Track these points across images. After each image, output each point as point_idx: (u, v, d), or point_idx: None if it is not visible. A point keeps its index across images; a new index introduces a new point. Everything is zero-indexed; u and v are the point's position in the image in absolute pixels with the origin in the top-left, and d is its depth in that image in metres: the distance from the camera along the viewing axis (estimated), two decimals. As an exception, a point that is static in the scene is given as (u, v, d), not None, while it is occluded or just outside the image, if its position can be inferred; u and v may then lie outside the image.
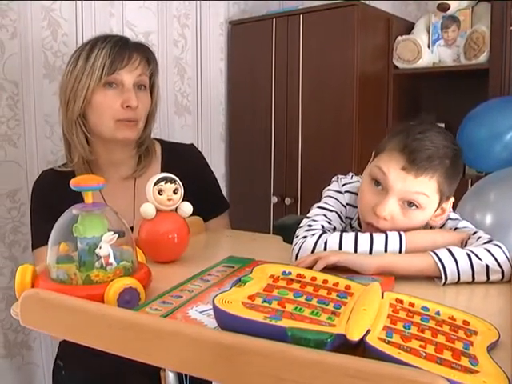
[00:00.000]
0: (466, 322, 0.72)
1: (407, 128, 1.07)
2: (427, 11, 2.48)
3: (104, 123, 1.38)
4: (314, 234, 1.04)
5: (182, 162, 1.51)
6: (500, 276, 0.94)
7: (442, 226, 1.12)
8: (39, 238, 1.40)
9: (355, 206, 1.18)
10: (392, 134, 1.09)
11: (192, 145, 1.64)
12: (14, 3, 1.79)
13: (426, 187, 1.02)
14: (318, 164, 2.38)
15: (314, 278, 0.81)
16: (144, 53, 1.43)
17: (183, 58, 2.51)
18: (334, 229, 1.12)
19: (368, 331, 0.63)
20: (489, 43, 2.12)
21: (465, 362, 0.61)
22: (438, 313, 0.74)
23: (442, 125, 2.44)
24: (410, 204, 1.03)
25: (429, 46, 2.38)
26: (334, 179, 1.24)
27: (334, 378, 0.56)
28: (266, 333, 0.62)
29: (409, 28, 2.49)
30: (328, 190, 1.21)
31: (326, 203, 1.17)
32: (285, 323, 0.63)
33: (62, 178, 1.43)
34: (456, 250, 0.95)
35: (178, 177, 1.09)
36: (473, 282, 0.94)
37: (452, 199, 1.10)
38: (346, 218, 1.19)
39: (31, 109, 1.88)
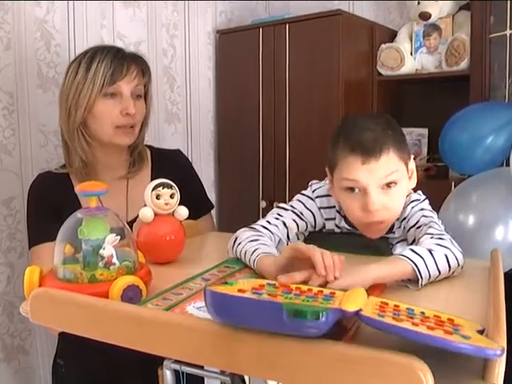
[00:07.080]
0: (450, 320, 0.76)
1: (339, 132, 1.14)
2: (409, 19, 2.53)
3: (104, 130, 1.46)
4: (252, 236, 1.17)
5: (170, 165, 1.60)
6: (456, 263, 0.97)
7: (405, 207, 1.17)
8: (37, 236, 1.46)
9: (331, 207, 1.24)
10: (331, 145, 1.15)
11: (178, 150, 1.73)
12: (8, 15, 1.84)
13: (390, 164, 1.08)
14: (306, 169, 2.43)
15: (298, 288, 0.83)
16: (140, 64, 1.51)
17: (172, 68, 2.56)
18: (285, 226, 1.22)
19: (360, 310, 0.67)
20: (469, 50, 2.19)
21: (457, 337, 0.63)
22: (422, 313, 0.78)
23: (425, 130, 2.52)
24: (388, 185, 1.10)
25: (411, 54, 2.45)
26: (309, 184, 1.30)
27: (322, 363, 0.61)
28: (262, 311, 0.63)
29: (392, 36, 2.56)
30: (300, 193, 1.29)
31: (292, 206, 1.25)
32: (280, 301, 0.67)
33: (57, 179, 1.51)
34: (419, 249, 0.96)
35: (166, 179, 1.15)
36: (439, 275, 0.96)
37: (412, 156, 1.17)
38: (327, 219, 1.25)
39: (26, 118, 1.92)
